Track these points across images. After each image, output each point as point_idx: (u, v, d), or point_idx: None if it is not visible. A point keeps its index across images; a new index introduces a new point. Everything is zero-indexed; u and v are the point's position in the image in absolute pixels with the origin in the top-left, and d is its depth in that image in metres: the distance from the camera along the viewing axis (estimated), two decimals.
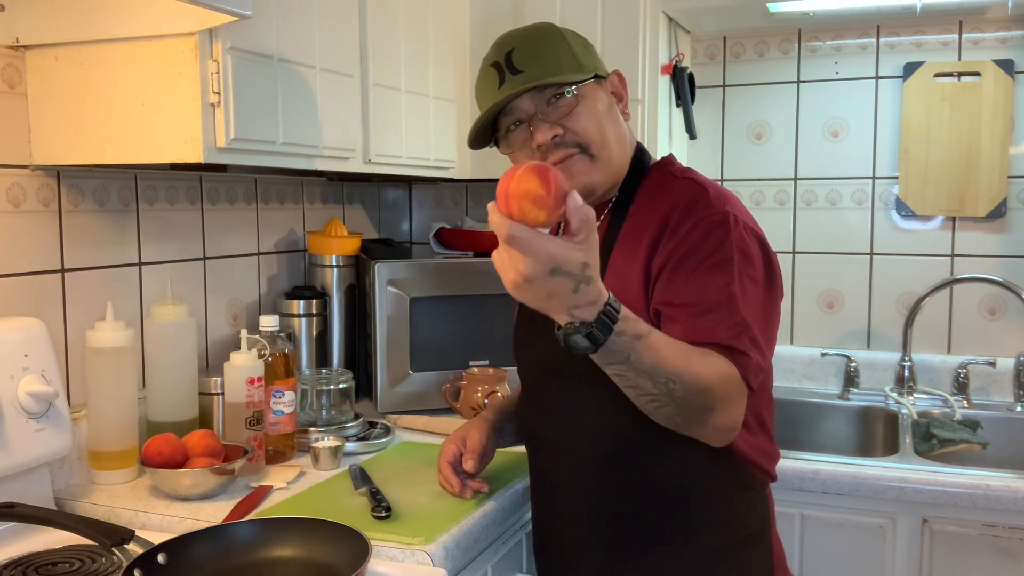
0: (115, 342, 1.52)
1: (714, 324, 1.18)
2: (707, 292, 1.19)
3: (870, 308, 2.56)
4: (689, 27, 2.54)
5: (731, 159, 2.66)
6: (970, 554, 1.84)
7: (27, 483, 1.37)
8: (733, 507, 1.33)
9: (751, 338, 1.18)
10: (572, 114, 1.29)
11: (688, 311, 1.20)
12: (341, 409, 1.86)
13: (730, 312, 1.18)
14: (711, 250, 1.21)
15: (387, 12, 1.85)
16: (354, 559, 1.12)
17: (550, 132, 1.28)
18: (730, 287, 1.19)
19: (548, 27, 1.35)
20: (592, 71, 1.32)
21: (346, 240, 2.14)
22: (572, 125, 1.29)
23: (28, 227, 1.51)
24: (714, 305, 1.19)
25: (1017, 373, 2.37)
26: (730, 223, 1.23)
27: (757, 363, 1.19)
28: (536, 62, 1.28)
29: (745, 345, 1.17)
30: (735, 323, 1.18)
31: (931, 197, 2.45)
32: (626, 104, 1.38)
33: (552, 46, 1.31)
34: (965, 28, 2.42)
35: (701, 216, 1.23)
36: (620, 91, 1.38)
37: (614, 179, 1.35)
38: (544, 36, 1.33)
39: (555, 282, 0.99)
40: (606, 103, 1.34)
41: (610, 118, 1.34)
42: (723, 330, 1.17)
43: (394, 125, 1.88)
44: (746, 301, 1.20)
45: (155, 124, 1.38)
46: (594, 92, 1.32)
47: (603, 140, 1.31)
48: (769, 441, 1.36)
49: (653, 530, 1.32)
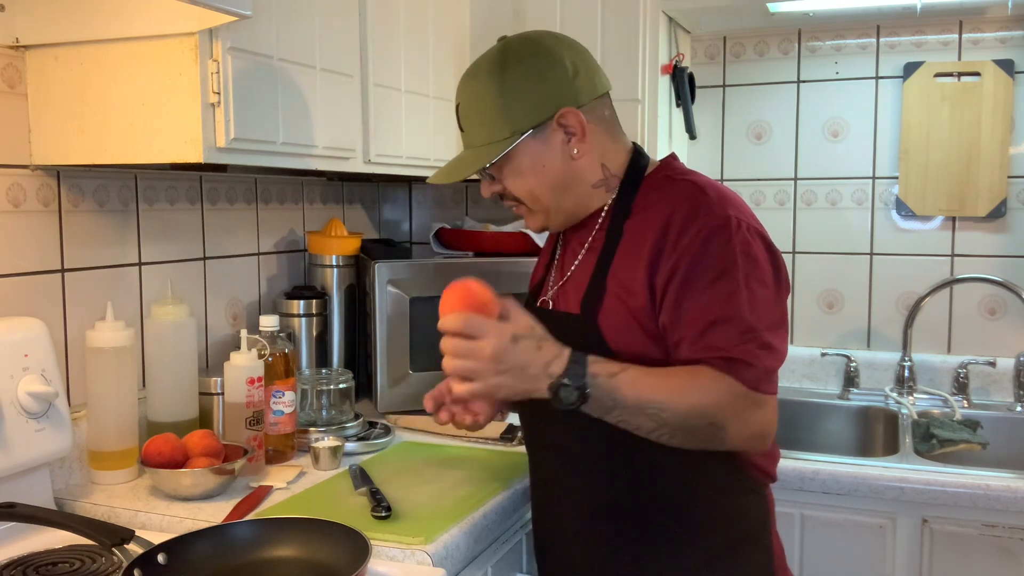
0: (115, 342, 1.52)
1: (719, 338, 1.19)
2: (710, 307, 1.20)
3: (870, 308, 2.56)
4: (689, 27, 2.54)
5: (731, 159, 2.66)
6: (970, 554, 1.84)
7: (27, 483, 1.37)
8: (732, 508, 1.33)
9: (760, 344, 1.19)
10: (500, 176, 1.35)
11: (692, 330, 1.21)
12: (341, 409, 1.86)
13: (735, 322, 1.19)
14: (713, 260, 1.21)
15: (387, 12, 1.85)
16: (354, 559, 1.12)
17: (489, 190, 1.38)
18: (735, 296, 1.19)
19: (485, 77, 1.32)
20: (511, 133, 1.29)
21: (346, 240, 2.14)
22: (505, 184, 1.35)
23: (28, 227, 1.51)
24: (718, 319, 1.19)
25: (1017, 373, 2.37)
26: (732, 227, 1.22)
27: (766, 369, 1.19)
28: (468, 126, 1.35)
29: (750, 354, 1.18)
30: (740, 332, 1.18)
31: (931, 197, 2.45)
32: (582, 135, 1.31)
33: (481, 109, 1.32)
34: (965, 28, 2.42)
35: (702, 224, 1.22)
36: (571, 126, 1.31)
37: (576, 211, 1.36)
38: (476, 95, 1.33)
39: (521, 348, 1.15)
40: (539, 153, 1.31)
41: (548, 168, 1.32)
42: (728, 343, 1.18)
43: (394, 125, 1.88)
44: (753, 306, 1.20)
45: (155, 124, 1.38)
46: (522, 149, 1.31)
47: (532, 195, 1.34)
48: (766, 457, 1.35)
49: (652, 531, 1.32)
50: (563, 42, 1.35)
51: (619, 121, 1.40)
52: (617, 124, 1.39)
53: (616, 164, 1.36)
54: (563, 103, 1.30)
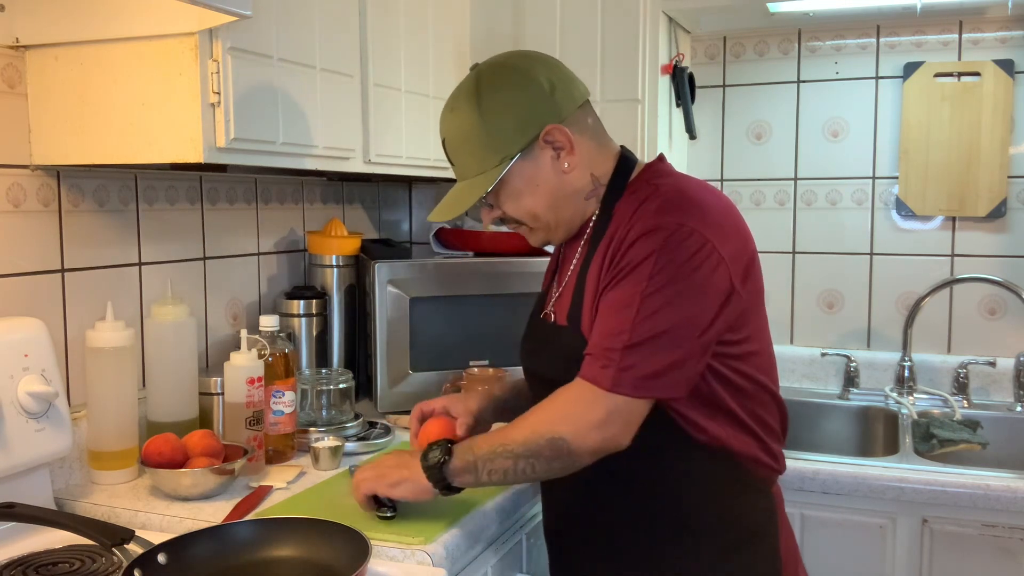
0: (115, 342, 1.52)
1: (593, 340, 1.24)
2: (606, 310, 1.24)
3: (870, 308, 2.56)
4: (689, 27, 2.54)
5: (731, 159, 2.66)
6: (970, 554, 1.84)
7: (27, 483, 1.37)
8: (735, 506, 1.33)
9: (628, 345, 1.19)
10: (498, 202, 1.37)
11: (593, 333, 1.26)
12: (341, 409, 1.86)
13: (612, 324, 1.22)
14: (628, 264, 1.23)
15: (387, 12, 1.85)
16: (354, 559, 1.12)
17: (490, 216, 1.40)
18: (631, 300, 1.21)
19: (465, 109, 1.33)
20: (501, 160, 1.31)
21: (346, 240, 2.14)
22: (504, 208, 1.37)
23: (28, 227, 1.51)
24: (603, 319, 1.24)
25: (1017, 373, 2.37)
26: (665, 232, 1.21)
27: (625, 368, 1.19)
28: (457, 159, 1.37)
29: (608, 353, 1.20)
30: (611, 334, 1.21)
31: (931, 197, 2.45)
32: (571, 149, 1.32)
33: (467, 141, 1.33)
34: (965, 28, 2.42)
35: (638, 229, 1.24)
36: (558, 141, 1.32)
37: (573, 222, 1.38)
38: (459, 128, 1.34)
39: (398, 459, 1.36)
40: (531, 173, 1.33)
41: (542, 187, 1.33)
42: (595, 345, 1.23)
43: (394, 125, 1.88)
44: (643, 311, 1.20)
45: (155, 124, 1.38)
46: (514, 172, 1.32)
47: (532, 215, 1.36)
48: (770, 439, 1.36)
49: (657, 530, 1.33)
50: (534, 59, 1.36)
51: (603, 125, 1.41)
52: (602, 129, 1.40)
53: (603, 172, 1.37)
54: (546, 120, 1.31)
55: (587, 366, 1.23)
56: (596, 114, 1.40)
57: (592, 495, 1.37)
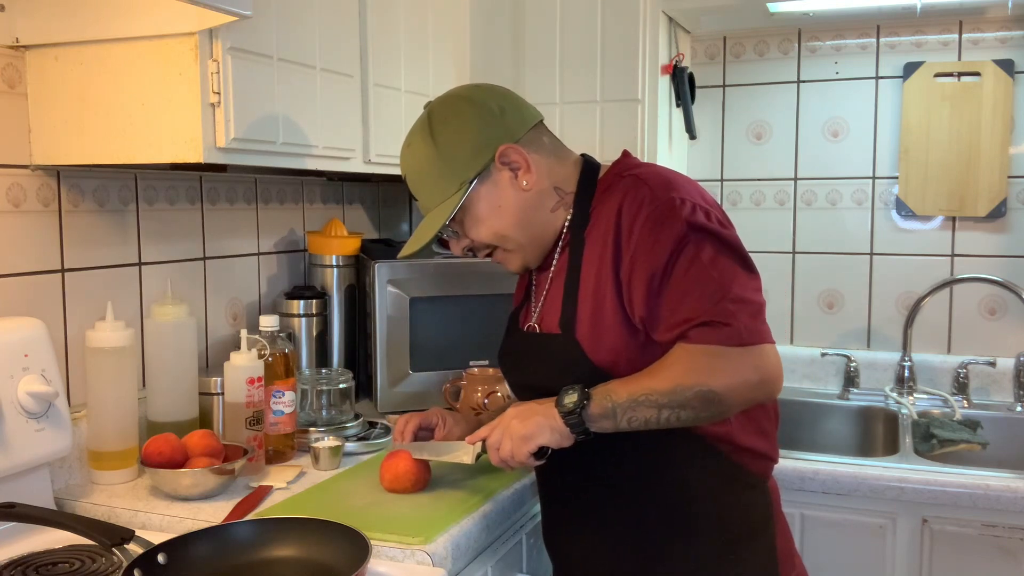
0: (115, 342, 1.52)
1: (691, 309, 1.22)
2: (677, 285, 1.23)
3: (870, 308, 2.56)
4: (689, 27, 2.54)
5: (731, 159, 2.67)
6: (970, 554, 1.84)
7: (27, 483, 1.37)
8: (732, 503, 1.34)
9: (731, 299, 1.21)
10: (464, 230, 1.38)
11: (668, 311, 1.24)
12: (341, 409, 1.86)
13: (701, 288, 1.22)
14: (666, 243, 1.23)
15: (387, 12, 1.85)
16: (354, 559, 1.12)
17: (459, 246, 1.42)
18: (693, 266, 1.22)
19: (419, 144, 1.37)
20: (460, 186, 1.33)
21: (346, 240, 2.14)
22: (470, 235, 1.39)
23: (28, 227, 1.51)
24: (685, 292, 1.22)
25: (1017, 373, 2.37)
26: (675, 206, 1.25)
27: (746, 321, 1.21)
28: (419, 193, 1.41)
29: (724, 313, 1.20)
30: (708, 296, 1.21)
31: (931, 197, 2.45)
32: (527, 167, 1.34)
33: (425, 174, 1.37)
34: (965, 28, 2.42)
35: (648, 212, 1.25)
36: (514, 161, 1.34)
37: (545, 236, 1.39)
38: (416, 163, 1.38)
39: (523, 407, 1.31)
40: (492, 195, 1.35)
41: (504, 207, 1.35)
42: (700, 310, 1.21)
43: (394, 125, 1.88)
44: (714, 268, 1.22)
45: (155, 124, 1.38)
46: (474, 197, 1.34)
47: (500, 236, 1.37)
48: (763, 436, 1.36)
49: (655, 528, 1.33)
50: (483, 89, 1.39)
51: (562, 142, 1.43)
52: (560, 145, 1.42)
53: (566, 180, 1.38)
54: (499, 141, 1.33)
55: (704, 333, 1.21)
56: (552, 133, 1.42)
57: (593, 494, 1.37)
